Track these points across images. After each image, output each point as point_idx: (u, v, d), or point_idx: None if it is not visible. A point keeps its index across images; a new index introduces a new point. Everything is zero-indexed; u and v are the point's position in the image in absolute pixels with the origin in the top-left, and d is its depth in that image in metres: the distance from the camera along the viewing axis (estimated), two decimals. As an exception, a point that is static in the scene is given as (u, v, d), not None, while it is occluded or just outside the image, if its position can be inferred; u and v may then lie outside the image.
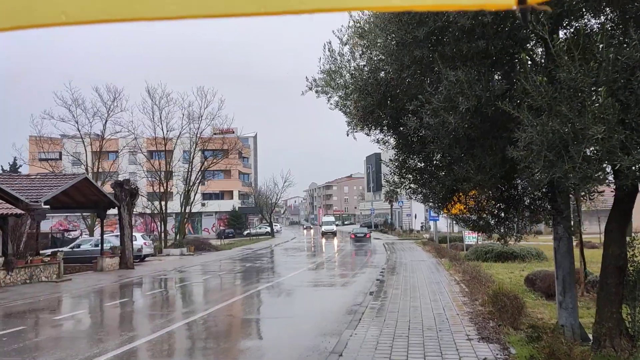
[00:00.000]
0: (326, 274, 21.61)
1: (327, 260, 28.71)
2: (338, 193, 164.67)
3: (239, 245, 50.31)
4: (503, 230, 8.20)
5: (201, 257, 35.15)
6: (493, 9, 1.12)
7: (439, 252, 26.93)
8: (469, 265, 17.15)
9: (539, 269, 18.26)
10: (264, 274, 22.49)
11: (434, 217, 36.82)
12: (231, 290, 17.36)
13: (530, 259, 21.11)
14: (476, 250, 22.73)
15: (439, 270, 18.83)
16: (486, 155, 5.97)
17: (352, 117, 7.62)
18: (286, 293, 16.01)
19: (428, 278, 16.47)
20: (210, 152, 39.73)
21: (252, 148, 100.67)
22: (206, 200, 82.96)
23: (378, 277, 17.51)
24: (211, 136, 38.11)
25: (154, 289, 18.73)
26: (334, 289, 16.30)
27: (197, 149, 38.63)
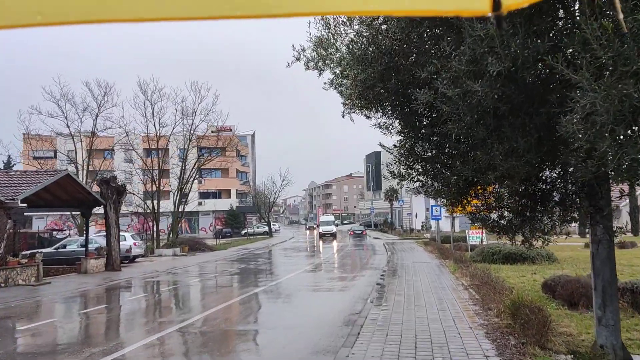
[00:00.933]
0: (323, 276, 20.31)
1: (325, 262, 27.41)
2: (337, 192, 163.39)
3: (235, 245, 49.00)
4: (528, 231, 6.92)
5: (195, 257, 33.85)
6: (468, 15, 1.16)
7: (442, 253, 25.63)
8: (478, 269, 15.84)
9: (552, 271, 16.99)
10: (258, 276, 21.19)
11: (436, 217, 35.53)
12: (220, 296, 16.06)
13: (540, 261, 19.83)
14: (482, 251, 21.44)
15: (444, 273, 17.53)
16: (518, 136, 4.66)
17: (348, 96, 6.32)
18: (279, 299, 14.70)
19: (433, 282, 15.16)
20: (206, 149, 38.35)
21: (250, 146, 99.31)
22: (203, 199, 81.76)
23: (378, 280, 16.21)
24: (206, 132, 36.76)
25: (137, 294, 17.42)
26: (331, 294, 15.00)
27: (190, 145, 37.27)
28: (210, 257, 33.79)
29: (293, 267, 24.28)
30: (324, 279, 19.19)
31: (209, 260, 31.48)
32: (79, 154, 36.09)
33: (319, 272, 22.12)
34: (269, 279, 19.71)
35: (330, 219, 66.54)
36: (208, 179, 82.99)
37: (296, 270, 22.03)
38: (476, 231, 29.75)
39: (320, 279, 19.25)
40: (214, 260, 31.49)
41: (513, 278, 15.31)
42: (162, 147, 40.60)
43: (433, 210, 35.39)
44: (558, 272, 16.68)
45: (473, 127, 4.76)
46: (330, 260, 28.34)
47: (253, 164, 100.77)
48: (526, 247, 7.25)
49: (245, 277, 21.40)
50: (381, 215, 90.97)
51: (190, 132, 36.86)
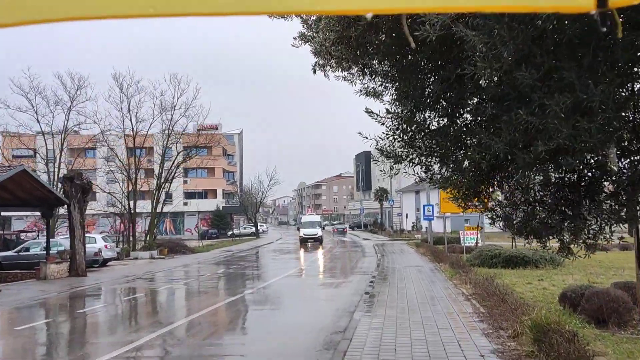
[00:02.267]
0: (307, 283, 18.44)
1: (311, 266, 25.52)
2: (327, 192, 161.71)
3: (219, 246, 46.93)
4: (568, 234, 5.12)
5: (173, 260, 31.81)
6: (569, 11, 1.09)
7: (436, 256, 23.87)
8: (480, 275, 14.05)
9: (560, 277, 15.27)
10: (235, 283, 19.27)
11: (428, 217, 33.82)
12: (185, 308, 14.12)
13: (544, 265, 18.10)
14: (480, 254, 19.69)
15: (440, 280, 15.72)
16: (592, 80, 2.83)
17: (320, 45, 4.44)
18: (251, 312, 12.81)
19: (429, 291, 13.34)
20: (189, 148, 36.30)
21: (238, 145, 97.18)
22: (189, 199, 79.55)
23: (367, 288, 14.36)
24: (186, 128, 34.80)
25: (95, 305, 15.38)
26: (313, 305, 13.14)
27: (170, 142, 35.19)
28: (189, 260, 31.77)
29: (276, 271, 22.40)
30: (307, 286, 17.32)
31: (187, 263, 29.47)
32: (48, 152, 34.02)
33: (303, 277, 20.23)
34: (248, 286, 17.79)
35: (315, 219, 50.27)
36: (193, 179, 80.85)
37: (278, 275, 20.13)
38: (471, 232, 28.07)
39: (303, 286, 17.38)
40: (193, 263, 29.49)
41: (519, 286, 13.54)
42: (145, 146, 38.58)
43: (425, 210, 33.68)
44: (566, 277, 14.98)
45: (516, 68, 2.90)
46: (317, 264, 26.46)
47: (240, 164, 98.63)
48: (563, 255, 5.42)
49: (221, 283, 19.48)
50: (371, 215, 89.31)
51: (170, 127, 34.79)
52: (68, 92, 33.12)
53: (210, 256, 34.83)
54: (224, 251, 40.17)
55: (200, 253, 38.24)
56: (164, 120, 35.28)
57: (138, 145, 35.17)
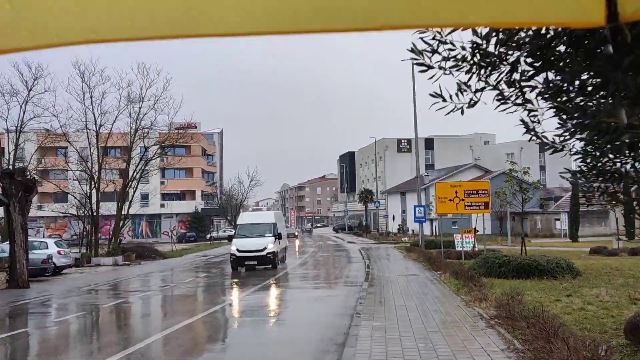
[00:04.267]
0: (283, 299, 15.61)
1: (290, 274, 22.67)
2: (311, 194, 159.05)
3: (194, 251, 43.83)
4: None
5: (139, 267, 28.74)
6: (579, 26, 1.21)
7: (431, 263, 21.23)
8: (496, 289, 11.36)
9: (588, 291, 12.68)
10: (202, 296, 16.41)
11: (419, 219, 31.25)
12: (131, 332, 11.22)
13: (561, 274, 15.52)
14: (486, 261, 17.04)
15: (445, 295, 13.01)
16: None
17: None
18: (210, 339, 9.99)
19: (436, 311, 10.62)
20: (154, 141, 33.17)
21: (218, 145, 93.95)
22: (166, 200, 76.13)
23: (357, 306, 11.60)
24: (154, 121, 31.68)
25: (17, 328, 12.34)
26: (288, 334, 10.34)
27: (136, 136, 32.05)
28: (157, 267, 28.73)
29: (249, 280, 19.55)
30: (282, 304, 14.49)
31: (154, 271, 26.45)
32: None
33: (279, 290, 17.37)
34: (213, 301, 14.91)
35: (266, 220, 26.76)
36: (171, 179, 77.43)
37: (251, 287, 17.27)
38: (467, 235, 25.56)
39: (276, 304, 14.54)
40: (160, 271, 26.49)
41: (546, 303, 10.90)
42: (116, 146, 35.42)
43: (416, 211, 31.11)
44: (597, 291, 12.39)
45: None
46: (297, 272, 23.62)
47: (220, 164, 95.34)
48: None
49: (186, 296, 16.57)
50: (355, 217, 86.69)
51: (137, 121, 31.65)
52: (25, 82, 29.89)
53: (182, 262, 31.79)
54: (198, 256, 37.12)
55: (172, 258, 35.15)
56: (131, 113, 32.16)
57: (102, 140, 32.02)
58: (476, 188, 21.48)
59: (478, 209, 21.48)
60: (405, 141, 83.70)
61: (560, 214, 52.84)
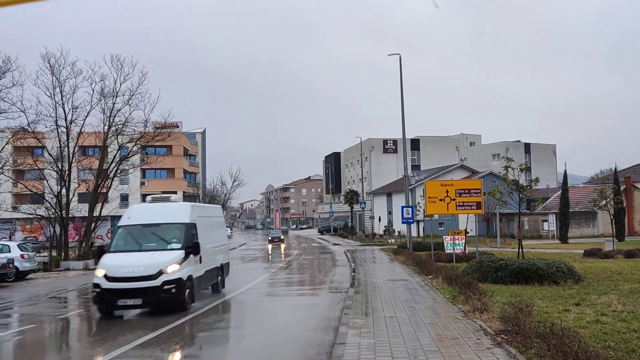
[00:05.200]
0: (261, 307, 14.17)
1: (271, 279, 21.23)
2: (296, 195, 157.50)
3: (174, 253, 42.06)
4: None
5: (111, 272, 27.03)
6: None
7: (421, 266, 19.98)
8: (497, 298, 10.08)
9: (596, 299, 11.48)
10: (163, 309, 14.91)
11: (407, 220, 29.99)
12: (85, 350, 9.73)
13: (563, 279, 14.34)
14: (481, 265, 15.81)
15: (440, 303, 11.70)
16: None
17: None
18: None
19: (432, 324, 9.31)
20: (129, 139, 31.45)
21: (200, 145, 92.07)
22: (146, 202, 74.09)
23: (342, 319, 10.24)
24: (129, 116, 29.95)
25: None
26: (258, 351, 8.94)
27: (109, 134, 30.34)
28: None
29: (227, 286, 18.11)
30: (257, 314, 13.06)
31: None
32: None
33: (257, 296, 15.92)
34: (177, 313, 13.44)
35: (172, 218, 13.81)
36: (152, 180, 75.41)
37: (221, 296, 15.85)
38: (457, 236, 24.37)
39: (256, 312, 13.10)
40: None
41: (554, 314, 9.66)
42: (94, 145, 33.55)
43: (404, 212, 29.85)
44: (607, 300, 11.20)
45: None
46: (279, 277, 22.20)
47: (203, 165, 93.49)
48: None
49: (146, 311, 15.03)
50: (341, 219, 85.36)
51: (110, 117, 29.93)
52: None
53: (158, 266, 30.13)
54: (176, 259, 35.46)
55: (149, 262, 33.43)
56: (104, 109, 30.41)
57: (74, 138, 30.27)
58: (468, 187, 20.23)
59: (470, 210, 20.26)
60: (391, 142, 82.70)
61: (547, 215, 52.00)
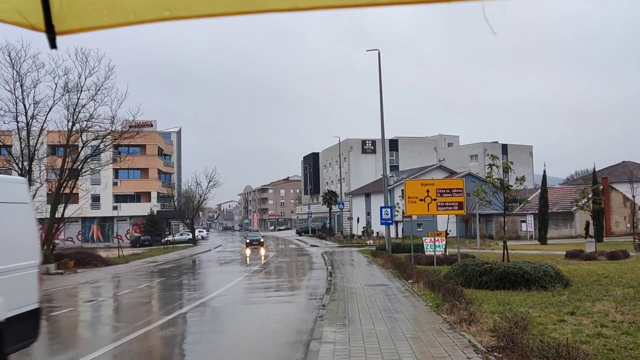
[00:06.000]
0: (223, 316, 13.00)
1: (241, 285, 20.04)
2: (274, 196, 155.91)
3: (145, 256, 40.49)
4: None
5: (73, 277, 25.46)
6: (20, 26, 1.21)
7: (400, 269, 19.03)
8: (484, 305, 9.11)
9: (589, 306, 10.61)
10: (125, 318, 13.61)
11: (386, 221, 28.98)
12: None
13: (551, 283, 13.49)
14: (464, 268, 14.87)
15: (422, 312, 10.69)
16: None
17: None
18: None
19: (415, 338, 8.27)
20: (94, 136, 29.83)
21: (175, 145, 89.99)
22: (119, 202, 71.94)
23: (314, 332, 9.15)
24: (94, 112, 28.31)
25: None
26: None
27: (73, 130, 28.70)
28: (95, 276, 25.53)
29: (194, 294, 16.88)
30: (219, 325, 11.87)
31: (87, 281, 23.29)
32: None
33: (225, 305, 14.73)
34: (128, 329, 12.18)
35: None
36: (125, 180, 73.22)
37: (190, 302, 14.62)
38: (438, 238, 23.52)
39: (213, 324, 11.92)
40: (95, 281, 23.34)
41: (549, 326, 8.73)
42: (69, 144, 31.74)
43: (382, 212, 28.87)
44: (603, 308, 10.34)
45: None
46: (251, 281, 21.00)
47: (179, 165, 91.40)
48: None
49: (98, 323, 13.72)
50: (319, 220, 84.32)
51: (74, 113, 28.28)
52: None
53: (125, 270, 28.64)
54: (146, 262, 33.90)
55: (117, 265, 31.87)
56: (69, 106, 28.74)
57: (35, 134, 28.55)
58: (450, 187, 19.33)
59: (452, 210, 19.33)
60: (369, 142, 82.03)
61: (526, 215, 51.78)
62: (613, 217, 50.14)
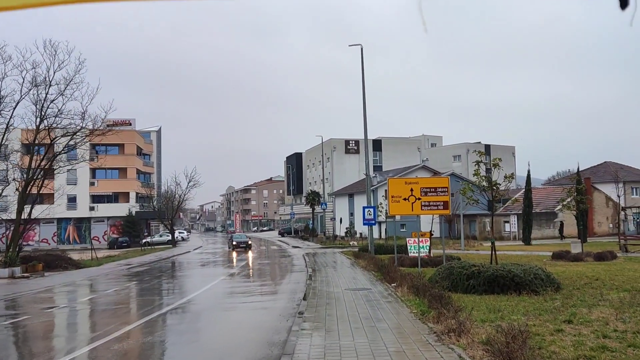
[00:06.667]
0: (193, 326, 11.96)
1: (214, 289, 18.98)
2: (257, 197, 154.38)
3: (120, 258, 39.08)
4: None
5: (40, 280, 24.07)
6: None
7: (383, 272, 18.14)
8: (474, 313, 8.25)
9: (587, 313, 9.81)
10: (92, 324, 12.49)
11: (368, 221, 28.11)
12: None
13: (542, 287, 12.70)
14: (450, 271, 14.02)
15: (405, 320, 9.79)
16: None
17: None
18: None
19: (398, 353, 7.36)
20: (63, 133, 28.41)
21: (155, 144, 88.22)
22: (96, 203, 70.07)
23: (286, 346, 8.18)
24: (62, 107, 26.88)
25: None
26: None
27: (41, 125, 27.28)
28: (63, 280, 24.17)
29: (164, 300, 15.78)
30: (181, 338, 10.83)
31: (54, 285, 21.97)
32: None
33: (189, 317, 13.67)
34: (81, 341, 11.07)
35: None
36: (102, 180, 71.34)
37: (151, 314, 13.54)
38: (422, 239, 22.74)
39: (174, 337, 10.88)
40: (61, 285, 22.02)
41: (546, 337, 7.88)
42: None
43: (365, 212, 27.99)
44: (603, 315, 9.55)
45: None
46: (223, 288, 19.95)
47: (159, 164, 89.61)
48: None
49: (50, 334, 12.57)
50: (302, 220, 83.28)
51: (42, 108, 26.86)
52: None
53: (96, 273, 27.31)
54: (120, 265, 32.55)
55: (88, 268, 30.48)
56: (37, 101, 27.30)
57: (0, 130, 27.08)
58: (434, 185, 18.51)
59: (437, 210, 18.52)
60: (353, 142, 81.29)
61: (509, 216, 51.40)
62: (596, 217, 50.01)
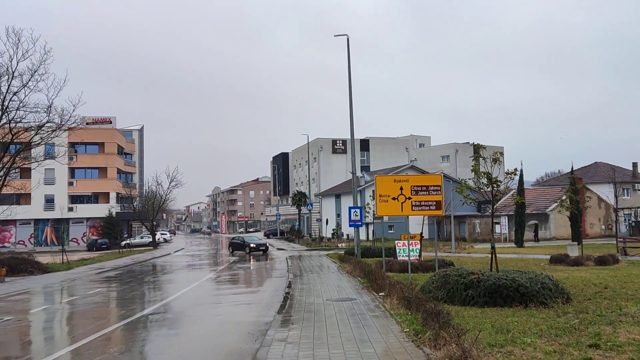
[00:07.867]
0: (148, 345, 10.20)
1: (183, 298, 17.19)
2: (243, 198, 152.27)
3: (95, 261, 37.06)
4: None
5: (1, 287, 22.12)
6: None
7: (370, 279, 16.48)
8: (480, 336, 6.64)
9: (612, 332, 8.23)
10: (37, 342, 10.67)
11: (355, 222, 26.44)
12: None
13: (550, 298, 11.13)
14: (446, 280, 12.40)
15: (396, 343, 8.14)
16: None
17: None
18: None
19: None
20: (24, 128, 26.37)
21: (137, 144, 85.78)
22: (75, 203, 67.68)
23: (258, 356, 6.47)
24: (24, 98, 24.88)
25: None
26: None
27: (2, 118, 25.26)
28: (24, 286, 22.21)
29: (123, 310, 13.97)
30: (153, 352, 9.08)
31: (11, 292, 20.03)
32: None
33: (146, 334, 11.90)
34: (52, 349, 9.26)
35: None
36: (82, 180, 68.98)
37: (108, 326, 11.75)
38: (412, 242, 21.20)
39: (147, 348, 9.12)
40: (20, 293, 20.08)
41: None
42: None
43: (351, 213, 26.34)
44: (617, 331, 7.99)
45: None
46: (193, 296, 18.17)
47: (141, 164, 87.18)
48: None
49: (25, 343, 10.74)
50: (288, 222, 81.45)
51: (3, 100, 24.85)
52: None
53: (62, 279, 25.36)
54: (91, 269, 30.54)
55: (56, 273, 28.52)
56: (1, 91, 25.29)
57: None
58: (426, 183, 16.91)
59: (428, 210, 16.91)
60: (340, 142, 79.68)
61: (500, 217, 50.06)
62: (588, 218, 48.85)
